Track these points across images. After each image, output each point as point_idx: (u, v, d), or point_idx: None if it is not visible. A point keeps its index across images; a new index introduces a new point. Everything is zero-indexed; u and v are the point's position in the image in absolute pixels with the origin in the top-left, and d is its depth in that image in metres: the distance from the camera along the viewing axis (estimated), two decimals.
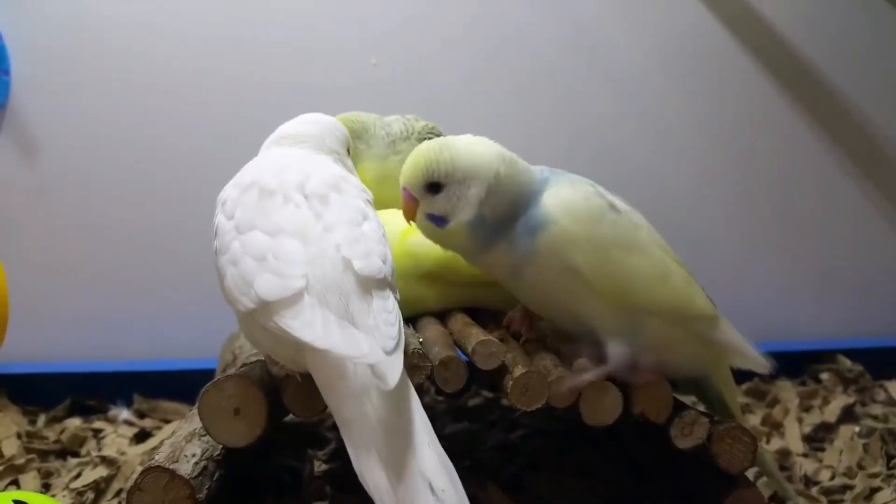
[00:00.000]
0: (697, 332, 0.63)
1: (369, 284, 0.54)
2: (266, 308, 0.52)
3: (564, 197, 0.60)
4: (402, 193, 0.62)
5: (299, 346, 0.51)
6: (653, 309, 0.61)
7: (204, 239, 1.04)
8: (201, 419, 0.56)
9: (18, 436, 0.90)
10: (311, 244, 0.54)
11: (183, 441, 0.59)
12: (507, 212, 0.60)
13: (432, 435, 0.51)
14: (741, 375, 1.06)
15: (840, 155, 1.20)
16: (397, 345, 0.52)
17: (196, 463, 0.57)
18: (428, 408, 0.97)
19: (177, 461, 0.56)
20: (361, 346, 0.49)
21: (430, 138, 0.78)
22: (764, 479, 0.80)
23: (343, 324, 0.51)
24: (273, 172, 0.59)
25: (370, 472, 0.48)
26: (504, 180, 0.60)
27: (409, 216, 0.63)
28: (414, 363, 0.59)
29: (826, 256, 1.22)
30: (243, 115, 1.06)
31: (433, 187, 0.60)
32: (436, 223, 0.61)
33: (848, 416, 0.98)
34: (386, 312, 0.53)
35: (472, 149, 0.61)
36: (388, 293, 0.55)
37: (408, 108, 0.83)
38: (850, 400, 1.00)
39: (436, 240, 0.63)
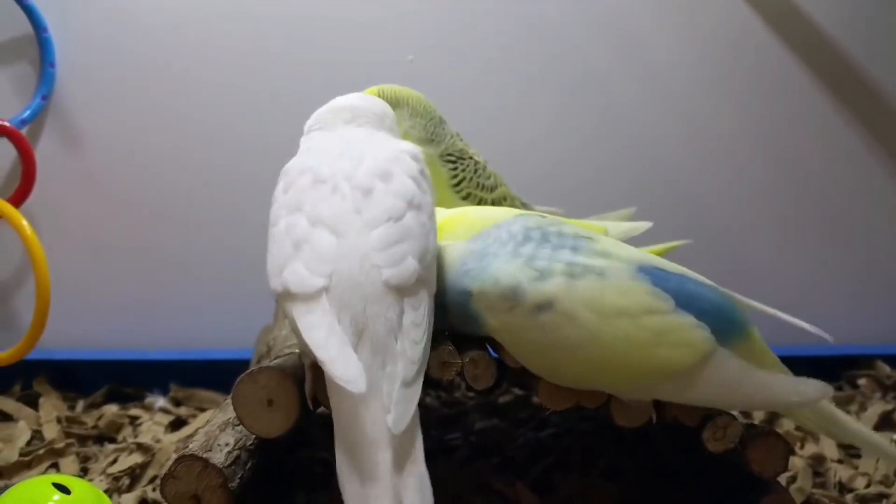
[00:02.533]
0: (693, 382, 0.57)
1: (402, 292, 0.53)
2: (289, 296, 0.53)
3: (482, 295, 0.58)
4: None
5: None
6: (625, 392, 0.58)
7: (242, 230, 1.07)
8: (235, 409, 0.57)
9: (58, 420, 0.92)
10: (346, 239, 0.54)
11: (217, 430, 0.60)
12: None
13: (419, 454, 0.50)
14: None
15: (882, 155, 1.17)
16: (418, 371, 0.51)
17: (229, 452, 0.58)
18: (458, 403, 0.99)
19: (210, 450, 0.57)
20: (350, 371, 0.49)
21: (450, 160, 0.79)
22: (796, 485, 0.79)
23: (344, 340, 0.50)
24: (331, 158, 0.59)
25: (349, 480, 0.49)
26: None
27: None
28: (444, 360, 0.59)
29: (866, 259, 1.19)
30: (282, 107, 1.07)
31: None
32: None
33: (885, 422, 0.96)
34: (415, 327, 0.53)
35: None
36: (422, 296, 0.54)
37: (444, 107, 0.83)
38: (889, 407, 0.99)
39: None
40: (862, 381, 1.07)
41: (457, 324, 0.61)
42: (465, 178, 0.80)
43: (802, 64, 1.15)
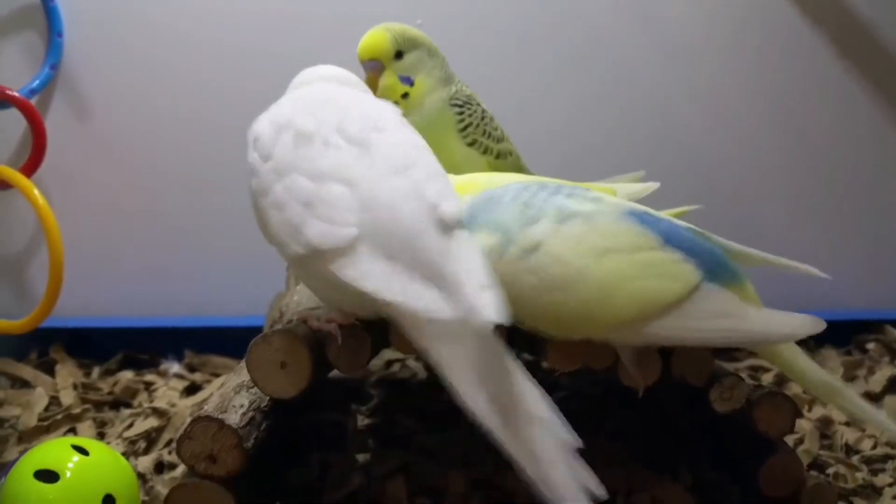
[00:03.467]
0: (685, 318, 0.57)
1: (449, 226, 0.52)
2: (319, 255, 0.51)
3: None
4: None
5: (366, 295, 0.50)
6: (618, 332, 0.58)
7: None
8: (249, 371, 0.58)
9: (75, 387, 0.94)
10: (359, 188, 0.52)
11: (232, 392, 0.61)
12: None
13: (522, 368, 0.51)
14: None
15: (895, 119, 1.17)
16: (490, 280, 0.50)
17: (244, 413, 0.59)
18: None
19: (225, 411, 0.58)
20: (424, 298, 0.49)
21: (457, 104, 0.78)
22: (803, 447, 0.80)
23: (402, 275, 0.49)
24: (309, 111, 0.57)
25: (477, 406, 0.50)
26: None
27: None
28: None
29: (876, 224, 1.19)
30: (293, 69, 1.06)
31: None
32: None
33: (894, 386, 0.96)
34: (471, 253, 0.52)
35: None
36: (464, 230, 0.54)
37: (454, 70, 0.83)
38: None
39: None
40: (871, 346, 1.07)
41: None
42: (471, 124, 0.78)
43: (815, 27, 1.13)
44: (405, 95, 0.76)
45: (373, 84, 0.75)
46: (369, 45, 0.75)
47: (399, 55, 0.75)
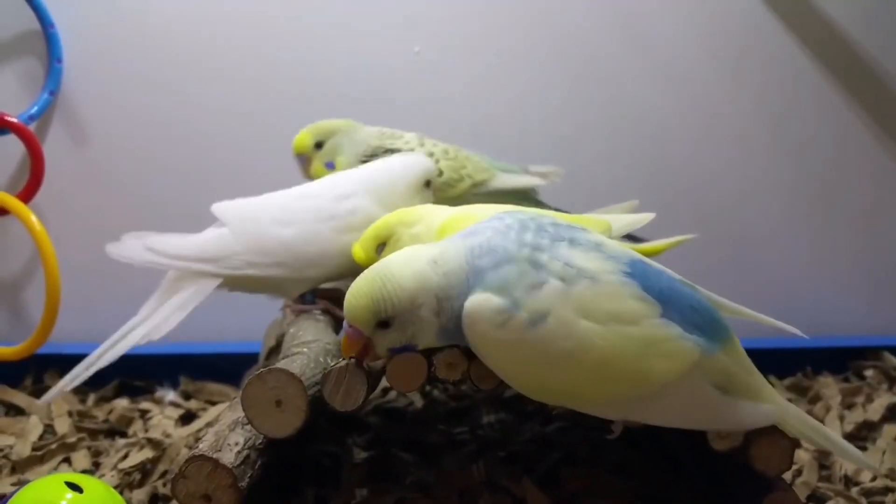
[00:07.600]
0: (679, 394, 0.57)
1: None
2: None
3: (473, 313, 0.55)
4: (346, 329, 0.58)
5: None
6: (602, 408, 0.58)
7: None
8: (244, 410, 0.58)
9: (70, 414, 0.94)
10: None
11: (226, 430, 0.61)
12: (458, 307, 0.56)
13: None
14: (781, 368, 1.05)
15: (890, 145, 1.17)
16: None
17: (239, 452, 0.58)
18: (466, 396, 0.99)
19: (220, 450, 0.57)
20: None
21: (364, 159, 0.86)
22: (800, 479, 0.80)
23: None
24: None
25: None
26: (447, 282, 0.56)
27: (359, 352, 0.58)
28: (450, 361, 0.59)
29: (874, 250, 1.19)
30: (289, 101, 1.07)
31: (383, 324, 0.57)
32: (402, 353, 0.59)
33: (892, 414, 0.96)
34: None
35: (412, 268, 0.57)
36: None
37: (450, 98, 0.84)
38: (895, 399, 0.99)
39: None
40: (869, 373, 1.07)
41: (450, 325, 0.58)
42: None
43: (817, 58, 1.14)
44: None
45: (306, 171, 0.91)
46: (295, 145, 0.90)
47: (319, 145, 0.89)
